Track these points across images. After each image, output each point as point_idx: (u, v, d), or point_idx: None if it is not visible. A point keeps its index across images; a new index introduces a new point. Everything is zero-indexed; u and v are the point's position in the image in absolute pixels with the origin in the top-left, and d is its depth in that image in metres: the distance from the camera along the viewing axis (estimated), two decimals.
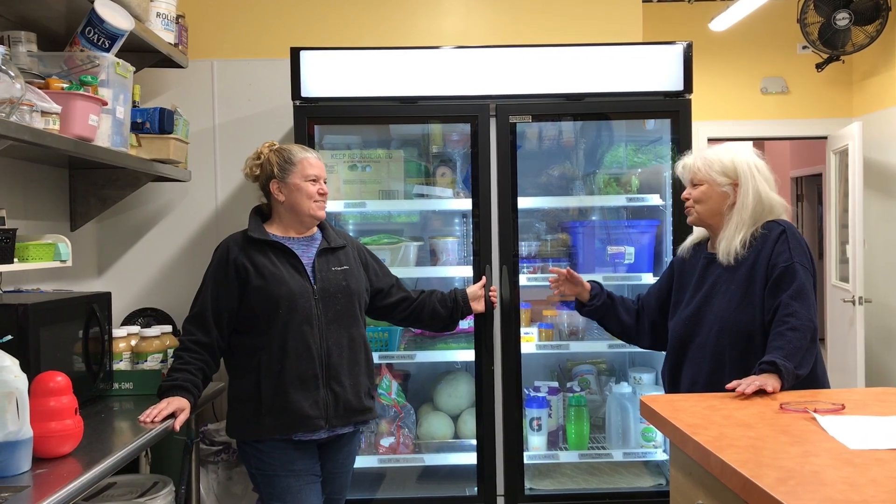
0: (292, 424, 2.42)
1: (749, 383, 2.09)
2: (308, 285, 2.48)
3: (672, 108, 3.17)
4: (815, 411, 1.90)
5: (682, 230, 3.06)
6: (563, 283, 2.80)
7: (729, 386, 2.13)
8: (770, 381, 2.10)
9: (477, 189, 3.15)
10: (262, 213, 2.64)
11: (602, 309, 2.73)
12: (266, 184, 2.58)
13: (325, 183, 2.62)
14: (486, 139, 3.14)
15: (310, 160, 2.58)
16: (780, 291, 2.27)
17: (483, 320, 3.10)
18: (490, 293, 3.01)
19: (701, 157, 2.50)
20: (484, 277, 3.04)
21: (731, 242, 2.38)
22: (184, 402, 2.38)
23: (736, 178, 2.43)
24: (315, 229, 2.63)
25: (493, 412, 3.13)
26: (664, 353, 3.11)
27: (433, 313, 2.81)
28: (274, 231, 2.57)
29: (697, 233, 2.61)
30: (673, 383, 2.51)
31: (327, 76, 3.11)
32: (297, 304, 2.44)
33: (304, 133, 3.10)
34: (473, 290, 2.94)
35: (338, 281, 2.54)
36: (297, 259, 2.51)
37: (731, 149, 2.49)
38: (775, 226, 2.38)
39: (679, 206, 3.05)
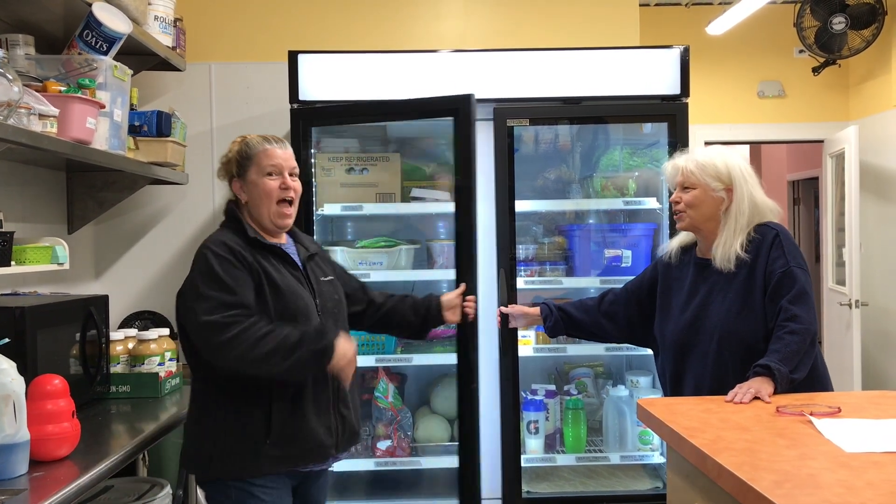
0: (306, 455, 2.12)
1: (744, 392, 2.10)
2: (312, 299, 2.20)
3: (669, 112, 3.18)
4: (811, 414, 1.90)
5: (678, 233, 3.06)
6: (515, 319, 2.87)
7: (726, 399, 2.13)
8: (764, 387, 2.11)
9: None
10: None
11: (560, 325, 2.73)
12: (231, 185, 2.24)
13: (292, 177, 2.21)
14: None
15: (269, 151, 2.19)
16: (780, 297, 2.26)
17: (463, 330, 2.83)
18: (467, 304, 2.63)
19: (693, 161, 2.45)
20: (463, 284, 2.72)
21: (728, 248, 2.35)
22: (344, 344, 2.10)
23: (730, 182, 2.40)
24: (285, 237, 2.29)
25: (474, 418, 2.95)
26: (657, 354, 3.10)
27: (402, 321, 2.51)
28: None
29: (684, 236, 2.58)
30: (675, 389, 2.48)
31: (325, 79, 3.11)
32: (311, 319, 2.15)
33: (301, 136, 3.10)
34: (450, 298, 2.57)
35: (331, 293, 2.28)
36: (299, 269, 2.21)
37: (721, 153, 2.46)
38: (768, 230, 2.37)
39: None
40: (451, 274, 3.28)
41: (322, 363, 2.05)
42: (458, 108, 2.97)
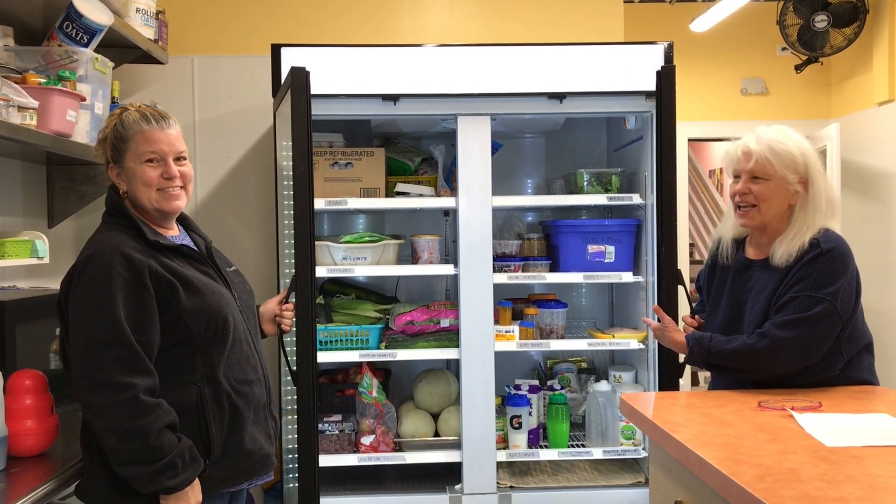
0: (252, 469, 1.94)
1: (660, 330, 2.41)
2: (230, 292, 1.98)
3: (653, 108, 3.17)
4: (792, 409, 1.92)
5: (663, 229, 3.07)
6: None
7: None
8: (676, 346, 2.36)
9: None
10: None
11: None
12: (107, 169, 1.94)
13: (179, 162, 1.92)
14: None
15: (147, 133, 1.87)
16: (776, 314, 2.14)
17: (280, 343, 2.53)
18: (284, 312, 2.35)
19: (768, 147, 2.15)
20: (286, 289, 2.51)
21: (793, 246, 2.15)
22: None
23: (806, 175, 2.16)
24: (177, 227, 2.03)
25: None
26: (648, 350, 3.13)
27: None
28: None
29: (736, 230, 2.33)
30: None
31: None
32: (236, 317, 1.95)
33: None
34: (269, 308, 2.33)
35: (242, 284, 2.09)
36: (207, 264, 1.98)
37: (793, 137, 2.19)
38: (816, 245, 2.15)
39: (663, 204, 3.06)
40: (435, 269, 3.28)
41: (156, 486, 1.74)
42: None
